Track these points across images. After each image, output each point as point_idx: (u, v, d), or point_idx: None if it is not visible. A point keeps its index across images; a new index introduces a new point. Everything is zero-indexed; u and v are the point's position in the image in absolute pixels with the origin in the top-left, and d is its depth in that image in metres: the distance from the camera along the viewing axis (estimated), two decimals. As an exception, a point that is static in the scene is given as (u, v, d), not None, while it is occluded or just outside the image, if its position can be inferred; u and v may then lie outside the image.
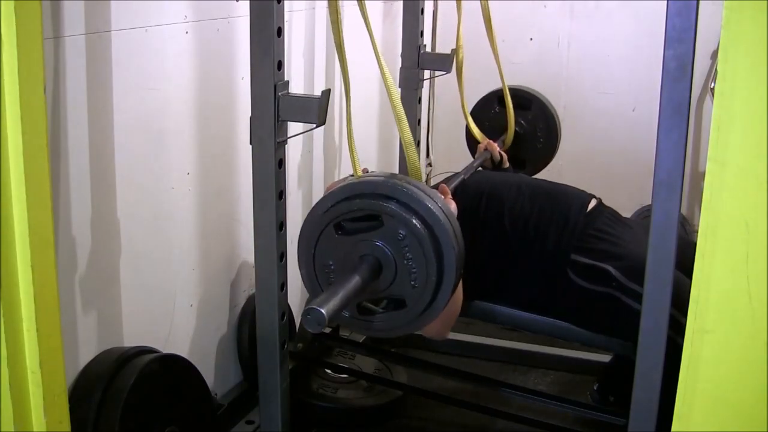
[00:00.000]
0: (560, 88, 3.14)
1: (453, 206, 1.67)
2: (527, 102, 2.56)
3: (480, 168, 2.33)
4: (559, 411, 1.99)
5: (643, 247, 1.70)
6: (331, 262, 1.36)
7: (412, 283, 1.31)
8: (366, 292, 1.32)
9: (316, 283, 1.39)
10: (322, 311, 1.15)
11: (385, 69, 1.52)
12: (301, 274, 1.42)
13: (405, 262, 1.30)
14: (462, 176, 2.00)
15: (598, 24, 3.11)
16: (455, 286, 1.32)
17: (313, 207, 1.40)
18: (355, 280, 1.26)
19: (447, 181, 1.99)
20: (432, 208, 1.28)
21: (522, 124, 2.54)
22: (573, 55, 3.16)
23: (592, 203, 1.90)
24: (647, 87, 2.88)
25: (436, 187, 1.81)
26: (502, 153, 2.34)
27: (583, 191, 1.97)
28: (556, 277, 1.77)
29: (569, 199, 1.90)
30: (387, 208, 1.28)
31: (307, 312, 1.17)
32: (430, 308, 1.32)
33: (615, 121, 3.14)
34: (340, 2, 1.52)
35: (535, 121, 2.56)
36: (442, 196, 1.48)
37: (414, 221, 1.27)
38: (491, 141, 2.36)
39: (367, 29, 1.53)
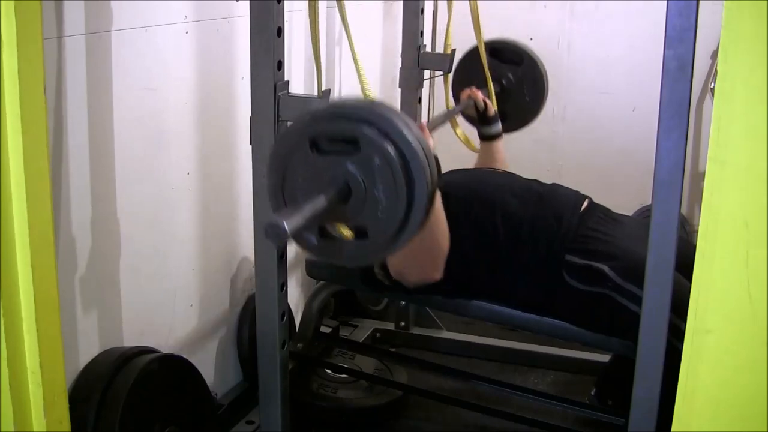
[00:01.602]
0: (560, 88, 3.14)
1: (431, 142, 1.64)
2: (518, 57, 2.50)
3: (462, 114, 2.34)
4: (559, 411, 1.99)
5: (638, 244, 1.71)
6: (299, 178, 1.32)
7: (379, 214, 1.28)
8: (330, 216, 1.30)
9: (280, 196, 1.35)
10: (285, 224, 1.12)
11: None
12: (267, 185, 1.40)
13: (375, 192, 1.27)
14: (442, 119, 1.97)
15: (598, 24, 3.11)
16: (421, 224, 1.28)
17: (295, 120, 1.36)
18: (321, 200, 1.23)
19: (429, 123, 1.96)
20: (412, 143, 1.25)
21: (509, 78, 2.49)
22: (573, 55, 3.16)
23: (585, 203, 1.90)
24: (647, 87, 2.86)
25: None
26: (487, 101, 2.29)
27: (575, 191, 1.96)
28: (551, 278, 1.77)
29: (562, 200, 1.89)
30: (368, 135, 1.25)
31: (269, 224, 1.13)
32: (393, 243, 1.29)
33: (615, 121, 3.14)
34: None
35: (522, 76, 2.50)
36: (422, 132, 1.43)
37: (392, 153, 1.24)
38: (475, 88, 2.31)
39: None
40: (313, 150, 1.30)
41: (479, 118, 2.32)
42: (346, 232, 1.34)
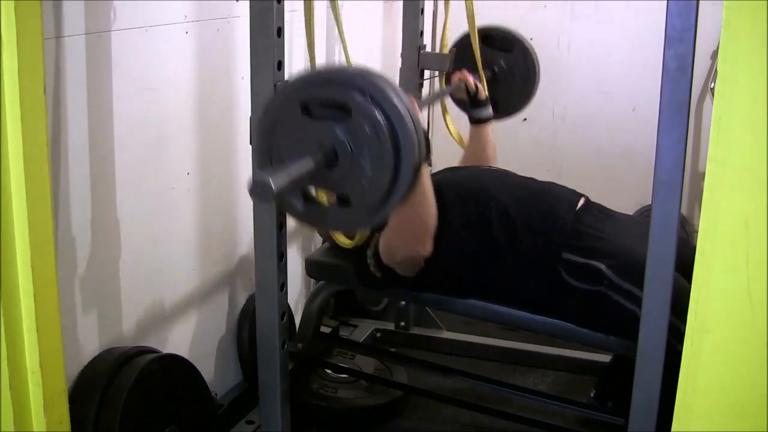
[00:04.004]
0: (560, 89, 3.14)
1: (419, 115, 1.63)
2: (509, 44, 2.49)
3: (453, 97, 2.34)
4: (559, 411, 1.99)
5: (634, 242, 1.71)
6: (287, 141, 1.32)
7: (363, 183, 1.27)
8: (315, 180, 1.30)
9: (266, 156, 1.36)
10: (271, 182, 1.12)
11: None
12: (254, 145, 1.38)
13: (361, 159, 1.26)
14: (432, 99, 1.95)
15: (598, 24, 3.11)
16: (405, 195, 1.28)
17: (286, 82, 1.35)
18: (308, 162, 1.23)
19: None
20: (402, 112, 1.25)
21: (501, 65, 2.48)
22: (573, 56, 3.16)
23: (581, 202, 1.90)
24: (647, 87, 2.86)
25: None
26: (478, 84, 2.28)
27: (571, 190, 1.95)
28: (548, 276, 1.77)
29: (558, 198, 1.89)
30: (360, 103, 1.24)
31: (255, 181, 1.14)
32: (376, 212, 1.29)
33: (615, 121, 3.14)
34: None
35: (514, 63, 2.49)
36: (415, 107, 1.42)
37: (383, 125, 1.23)
38: (466, 71, 2.29)
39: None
40: (304, 114, 1.29)
41: (470, 102, 2.30)
42: (327, 199, 1.33)
